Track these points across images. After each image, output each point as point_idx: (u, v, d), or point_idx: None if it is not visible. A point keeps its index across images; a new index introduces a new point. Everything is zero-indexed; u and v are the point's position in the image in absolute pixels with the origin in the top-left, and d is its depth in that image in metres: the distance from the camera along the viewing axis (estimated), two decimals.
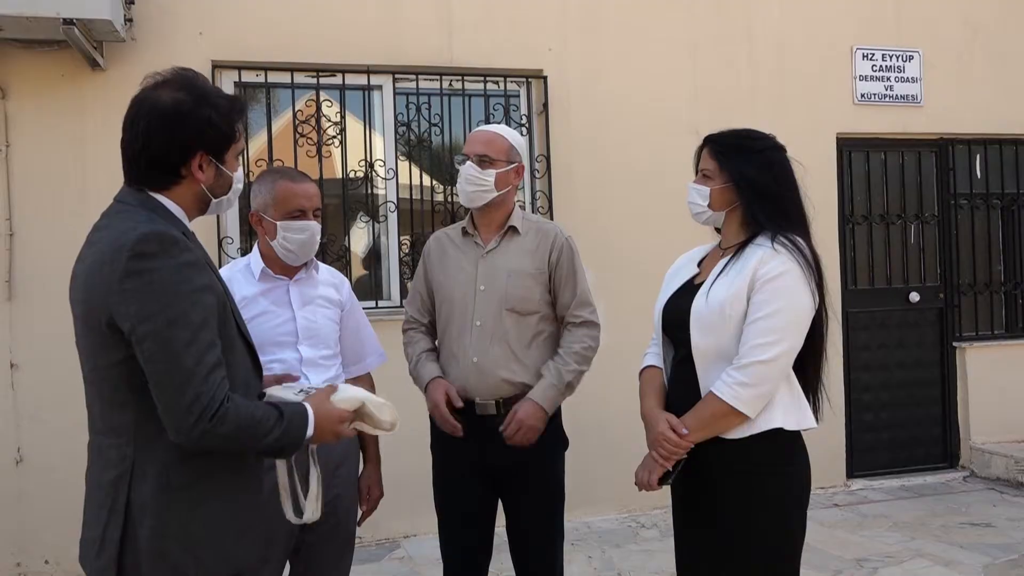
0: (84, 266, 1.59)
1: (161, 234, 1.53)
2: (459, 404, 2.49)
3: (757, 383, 1.96)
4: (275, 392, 1.77)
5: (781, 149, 2.15)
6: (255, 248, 2.47)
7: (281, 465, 1.82)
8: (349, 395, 1.75)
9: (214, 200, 1.70)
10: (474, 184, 2.55)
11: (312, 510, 1.79)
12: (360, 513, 2.56)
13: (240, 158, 1.75)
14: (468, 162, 2.56)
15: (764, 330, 1.96)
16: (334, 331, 2.47)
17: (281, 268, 2.41)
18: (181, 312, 1.50)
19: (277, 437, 1.59)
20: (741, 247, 2.09)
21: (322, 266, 2.53)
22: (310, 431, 1.65)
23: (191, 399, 1.49)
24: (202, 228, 3.28)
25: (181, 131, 1.60)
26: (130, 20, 4.11)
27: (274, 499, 1.82)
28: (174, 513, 1.56)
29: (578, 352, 2.53)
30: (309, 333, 2.39)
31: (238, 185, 1.75)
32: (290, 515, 1.78)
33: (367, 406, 1.76)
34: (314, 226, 2.38)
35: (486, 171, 2.54)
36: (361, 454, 2.58)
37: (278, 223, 2.34)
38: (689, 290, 2.16)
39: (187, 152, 1.62)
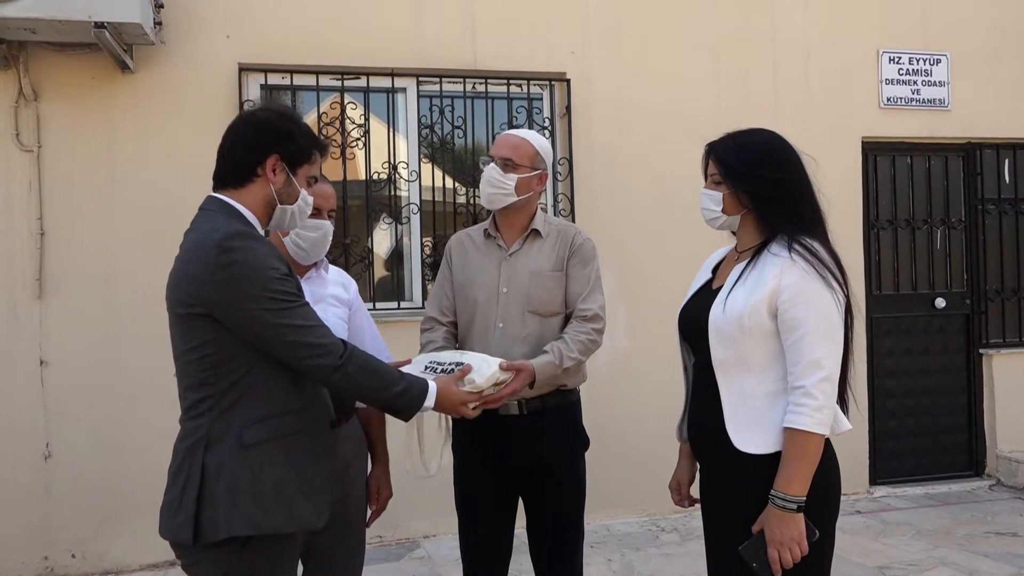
0: (176, 265, 1.84)
1: (242, 231, 1.80)
2: None
3: (828, 400, 1.91)
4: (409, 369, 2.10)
5: (787, 145, 2.08)
6: None
7: (409, 427, 2.18)
8: (480, 382, 1.99)
9: (279, 206, 1.92)
10: (494, 186, 2.56)
11: (436, 464, 2.13)
12: (369, 513, 2.56)
13: (311, 184, 1.99)
14: (492, 164, 2.58)
15: (811, 345, 1.91)
16: (344, 331, 2.47)
17: (292, 266, 2.41)
18: (277, 290, 1.77)
19: (398, 392, 1.89)
20: (756, 252, 2.05)
21: (331, 266, 2.55)
22: (429, 402, 1.94)
23: (319, 349, 1.79)
24: None
25: (262, 134, 1.90)
26: (159, 23, 4.18)
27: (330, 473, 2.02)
28: (245, 470, 1.77)
29: (583, 342, 2.51)
30: None
31: (305, 205, 1.97)
32: (415, 471, 2.10)
33: (491, 388, 2.03)
34: (327, 226, 2.39)
35: (508, 175, 2.55)
36: (369, 454, 2.58)
37: None
38: (705, 296, 2.13)
39: (264, 152, 1.89)
